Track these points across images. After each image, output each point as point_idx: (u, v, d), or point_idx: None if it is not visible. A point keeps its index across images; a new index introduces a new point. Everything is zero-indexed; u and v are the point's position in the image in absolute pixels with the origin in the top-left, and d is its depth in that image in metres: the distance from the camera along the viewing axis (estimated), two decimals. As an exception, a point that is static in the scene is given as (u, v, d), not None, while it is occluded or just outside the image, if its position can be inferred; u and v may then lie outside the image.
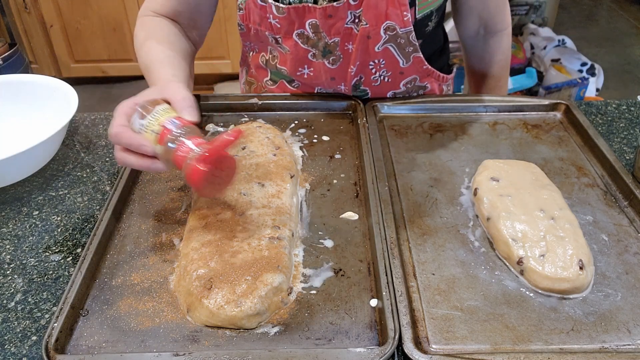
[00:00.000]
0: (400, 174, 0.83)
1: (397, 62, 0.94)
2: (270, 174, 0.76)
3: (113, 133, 0.65)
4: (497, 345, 0.58)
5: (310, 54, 0.94)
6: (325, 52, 0.93)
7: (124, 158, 0.67)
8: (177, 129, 0.64)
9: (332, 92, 1.00)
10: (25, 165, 0.82)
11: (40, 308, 0.64)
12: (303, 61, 0.96)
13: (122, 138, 0.65)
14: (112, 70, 2.82)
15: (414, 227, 0.73)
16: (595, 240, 0.71)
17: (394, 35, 0.89)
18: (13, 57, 2.22)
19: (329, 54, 0.93)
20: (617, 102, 1.04)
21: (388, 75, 0.96)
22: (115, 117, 0.67)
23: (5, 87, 0.95)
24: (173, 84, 0.74)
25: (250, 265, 0.62)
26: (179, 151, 0.62)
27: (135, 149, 0.65)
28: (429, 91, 1.03)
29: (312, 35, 0.91)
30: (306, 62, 0.96)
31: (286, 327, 0.60)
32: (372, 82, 0.97)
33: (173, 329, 0.60)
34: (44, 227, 0.76)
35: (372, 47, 0.91)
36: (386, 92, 1.00)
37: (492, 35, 1.06)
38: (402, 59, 0.94)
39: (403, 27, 0.88)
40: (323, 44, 0.92)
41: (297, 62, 0.96)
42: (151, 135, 0.65)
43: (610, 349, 0.58)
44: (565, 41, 2.90)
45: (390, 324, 0.58)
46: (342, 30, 0.89)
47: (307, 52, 0.94)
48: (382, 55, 0.93)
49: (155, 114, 0.66)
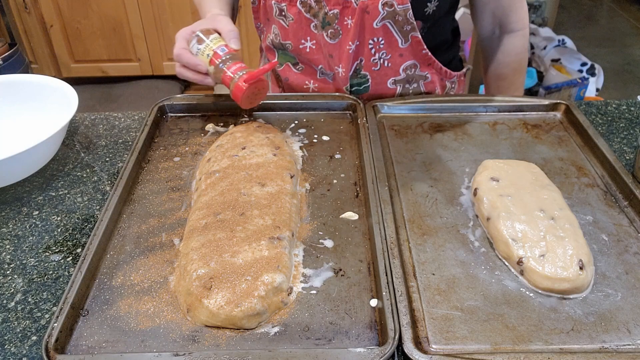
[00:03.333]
0: (400, 174, 0.83)
1: (395, 41, 0.96)
2: (270, 174, 0.76)
3: (176, 53, 0.87)
4: (497, 345, 0.58)
5: (312, 24, 0.97)
6: (324, 23, 0.95)
7: (182, 72, 0.89)
8: (225, 54, 0.86)
9: (332, 93, 1.00)
10: (25, 165, 0.82)
11: (40, 308, 0.64)
12: (305, 32, 0.99)
13: (183, 58, 0.87)
14: (112, 70, 2.82)
15: (414, 227, 0.73)
16: (595, 240, 0.71)
17: (392, 12, 0.92)
18: (13, 57, 2.22)
19: (328, 25, 0.95)
20: (617, 102, 1.04)
21: (387, 59, 0.98)
22: (177, 41, 0.88)
23: (5, 87, 0.95)
24: (222, 17, 0.93)
25: (250, 265, 0.62)
26: (226, 72, 0.85)
27: (192, 67, 0.87)
28: (429, 82, 1.03)
29: (313, 4, 0.95)
30: (308, 34, 0.99)
31: (286, 327, 0.60)
32: (372, 65, 0.99)
33: (173, 329, 0.60)
34: (44, 227, 0.76)
35: (371, 22, 0.93)
36: (386, 80, 1.01)
37: (507, 35, 1.07)
38: (400, 37, 0.96)
39: (400, 4, 0.91)
40: (323, 14, 0.95)
41: (300, 33, 0.99)
42: (205, 58, 0.87)
43: (610, 349, 0.58)
44: (565, 41, 2.90)
45: (390, 324, 0.58)
46: (342, 2, 0.93)
47: (309, 22, 0.97)
48: (381, 33, 0.95)
49: (209, 41, 0.87)
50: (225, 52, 0.86)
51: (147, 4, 2.58)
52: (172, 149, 0.89)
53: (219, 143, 0.85)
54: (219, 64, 0.85)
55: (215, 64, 0.85)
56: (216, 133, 0.93)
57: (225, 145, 0.84)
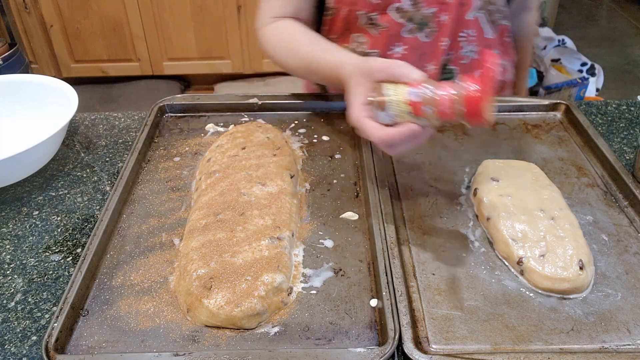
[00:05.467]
0: (400, 174, 0.83)
1: (484, 33, 0.96)
2: (270, 174, 0.76)
3: (383, 141, 0.65)
4: (497, 345, 0.58)
5: (405, 29, 0.95)
6: (421, 24, 0.94)
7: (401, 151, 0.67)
8: (420, 92, 0.63)
9: (332, 93, 1.00)
10: (25, 165, 0.82)
11: (40, 308, 0.64)
12: (396, 38, 0.96)
13: (395, 140, 0.64)
14: (112, 70, 2.82)
15: (414, 227, 0.73)
16: (595, 240, 0.71)
17: (486, 2, 0.92)
18: (13, 57, 2.22)
19: (425, 25, 0.94)
20: (617, 102, 1.04)
21: (475, 51, 0.98)
22: (367, 128, 0.66)
23: (5, 87, 0.95)
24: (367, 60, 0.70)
25: (250, 265, 0.62)
26: (440, 107, 0.61)
27: (408, 139, 0.64)
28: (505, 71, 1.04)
29: (409, 7, 0.92)
30: (399, 39, 0.96)
31: (286, 327, 0.60)
32: (460, 58, 0.98)
33: (173, 329, 0.60)
34: (44, 227, 0.76)
35: (464, 14, 0.93)
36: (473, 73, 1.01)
37: (524, 12, 1.09)
38: (490, 29, 0.96)
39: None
40: (420, 16, 0.93)
41: (390, 40, 0.96)
42: (407, 116, 0.64)
43: (610, 349, 0.58)
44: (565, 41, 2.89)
45: (390, 324, 0.58)
46: None
47: (401, 27, 0.94)
48: (473, 25, 0.94)
49: (390, 98, 0.65)
50: (417, 91, 0.63)
51: (147, 4, 2.58)
52: (172, 149, 0.89)
53: (219, 143, 0.85)
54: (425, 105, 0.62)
55: (421, 110, 0.62)
56: (216, 133, 0.93)
57: (225, 145, 0.84)
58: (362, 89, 0.68)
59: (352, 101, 0.69)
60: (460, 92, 0.60)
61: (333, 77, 0.78)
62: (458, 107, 0.60)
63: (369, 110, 0.66)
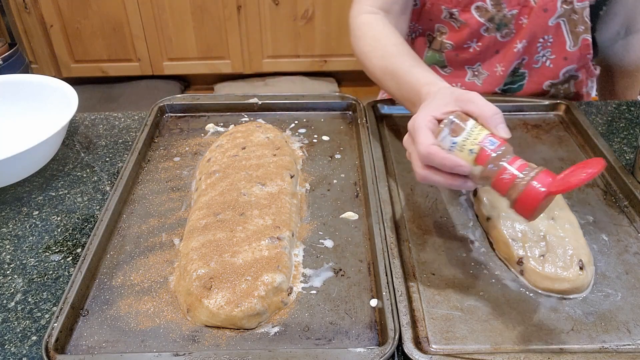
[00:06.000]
0: (400, 174, 0.83)
1: (564, 42, 0.96)
2: (270, 174, 0.76)
3: (425, 153, 0.60)
4: (497, 345, 0.58)
5: (483, 28, 0.95)
6: (500, 25, 0.94)
7: (428, 176, 0.61)
8: (497, 149, 0.59)
9: (332, 93, 0.99)
10: (25, 165, 0.82)
11: (40, 308, 0.64)
12: (474, 35, 0.97)
13: (436, 158, 0.60)
14: (112, 70, 2.82)
15: (414, 227, 0.73)
16: (595, 240, 0.71)
17: (569, 10, 0.92)
18: (13, 57, 2.22)
19: (504, 27, 0.94)
20: (617, 102, 1.04)
21: (551, 59, 0.98)
22: (420, 135, 0.61)
23: (5, 87, 0.95)
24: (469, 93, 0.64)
25: (250, 265, 0.62)
26: (504, 174, 0.57)
27: (449, 169, 0.60)
28: (578, 81, 1.04)
29: (491, 8, 0.93)
30: (477, 36, 0.97)
31: (286, 327, 0.60)
32: (533, 63, 0.98)
33: (173, 329, 0.60)
34: (44, 227, 0.76)
35: (546, 20, 0.92)
36: (543, 81, 1.01)
37: (632, 35, 1.07)
38: (570, 39, 0.95)
39: (580, 1, 0.90)
40: (500, 17, 0.93)
41: (468, 36, 0.97)
42: (467, 155, 0.60)
43: (610, 349, 0.58)
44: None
45: (390, 324, 0.58)
46: (522, 2, 0.91)
47: (481, 26, 0.95)
48: (553, 32, 0.94)
49: (469, 131, 0.60)
50: (497, 145, 0.59)
51: (147, 4, 2.58)
52: (172, 149, 0.89)
53: (219, 143, 0.85)
54: (492, 161, 0.58)
55: (486, 162, 0.59)
56: (216, 133, 0.93)
57: (225, 145, 0.84)
58: (440, 105, 0.64)
59: (422, 109, 0.65)
60: (525, 181, 0.56)
61: (412, 91, 0.75)
62: (513, 191, 0.57)
63: (434, 125, 0.63)
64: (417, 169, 0.63)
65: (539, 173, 0.56)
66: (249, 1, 2.57)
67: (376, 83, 0.88)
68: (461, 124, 0.61)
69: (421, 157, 0.61)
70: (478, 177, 0.60)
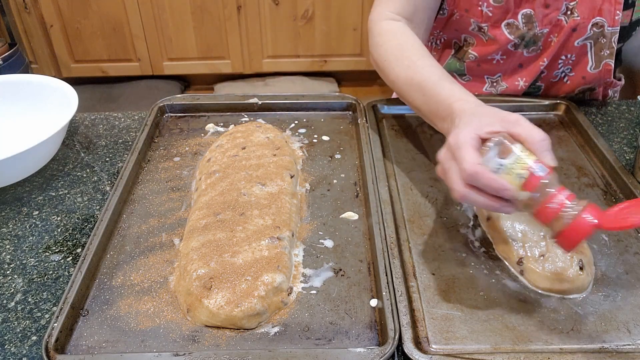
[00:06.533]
0: (400, 174, 0.83)
1: (586, 63, 0.96)
2: (270, 174, 0.76)
3: (472, 172, 0.57)
4: (497, 345, 0.58)
5: (511, 44, 0.95)
6: (529, 42, 0.94)
7: (469, 195, 0.58)
8: (545, 176, 0.56)
9: (332, 93, 0.99)
10: (25, 165, 0.82)
11: (40, 308, 0.64)
12: (500, 49, 0.97)
13: (482, 179, 0.56)
14: (112, 70, 2.82)
15: (414, 227, 0.73)
16: (595, 240, 0.71)
17: (598, 33, 0.91)
18: (13, 57, 2.22)
19: (533, 44, 0.94)
20: (617, 102, 1.04)
21: (570, 76, 0.98)
22: (467, 152, 0.58)
23: (5, 87, 0.95)
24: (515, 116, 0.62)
25: (250, 265, 0.62)
26: (551, 203, 0.56)
27: (494, 191, 0.57)
28: (594, 93, 1.03)
29: (521, 26, 0.92)
30: (503, 51, 0.97)
31: (286, 327, 0.60)
32: (551, 77, 0.99)
33: (173, 329, 0.60)
34: (44, 227, 0.76)
35: (574, 40, 0.92)
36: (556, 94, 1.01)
37: None
38: (593, 61, 0.95)
39: (611, 26, 0.90)
40: (531, 35, 0.93)
41: (495, 50, 0.97)
42: (515, 179, 0.57)
43: (610, 349, 0.58)
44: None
45: (390, 324, 0.58)
46: (554, 22, 0.91)
47: (509, 42, 0.95)
48: (577, 51, 0.94)
49: (518, 155, 0.58)
50: (546, 173, 0.56)
51: (147, 4, 2.58)
52: (172, 149, 0.89)
53: (219, 143, 0.85)
54: (541, 188, 0.56)
55: (535, 188, 0.56)
56: (216, 133, 0.93)
57: (225, 145, 0.84)
58: (485, 124, 0.61)
59: (464, 126, 0.62)
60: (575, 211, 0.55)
61: (442, 105, 0.72)
62: (559, 221, 0.55)
63: (479, 144, 0.60)
64: (456, 186, 0.59)
65: (587, 206, 0.55)
66: (249, 1, 2.57)
67: (397, 94, 0.85)
68: (511, 146, 0.59)
69: (465, 176, 0.58)
70: (522, 202, 0.58)
